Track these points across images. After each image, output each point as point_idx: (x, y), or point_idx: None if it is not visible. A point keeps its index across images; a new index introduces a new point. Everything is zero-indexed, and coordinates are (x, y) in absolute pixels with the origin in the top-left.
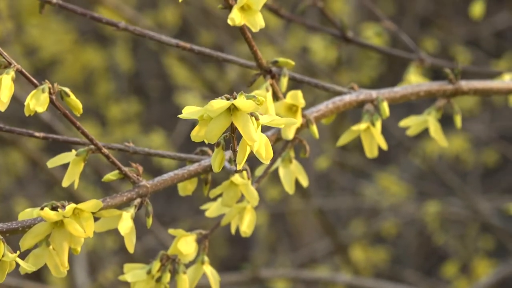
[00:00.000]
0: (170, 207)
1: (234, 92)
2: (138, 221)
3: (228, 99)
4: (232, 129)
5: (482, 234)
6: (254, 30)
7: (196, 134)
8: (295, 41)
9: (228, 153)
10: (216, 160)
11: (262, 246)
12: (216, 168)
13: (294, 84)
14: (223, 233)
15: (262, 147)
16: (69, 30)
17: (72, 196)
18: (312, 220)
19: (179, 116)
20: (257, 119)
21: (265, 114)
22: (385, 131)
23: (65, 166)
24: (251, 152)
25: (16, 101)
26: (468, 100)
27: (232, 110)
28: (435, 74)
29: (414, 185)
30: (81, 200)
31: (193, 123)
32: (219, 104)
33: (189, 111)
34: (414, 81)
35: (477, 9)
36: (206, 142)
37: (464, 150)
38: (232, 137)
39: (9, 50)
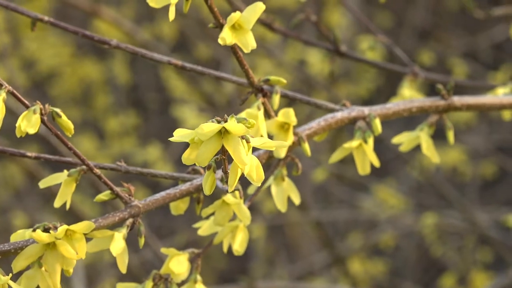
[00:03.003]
0: (167, 220)
1: (226, 115)
2: (135, 234)
3: (219, 121)
4: (223, 151)
5: (480, 246)
6: (245, 51)
7: (187, 157)
8: (293, 54)
9: (220, 172)
10: (207, 183)
11: (260, 258)
12: (207, 191)
13: (288, 100)
14: (221, 245)
15: (253, 169)
16: (67, 43)
17: (70, 210)
18: (310, 233)
19: (170, 139)
20: (248, 141)
21: (256, 133)
22: (382, 144)
23: None
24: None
25: (12, 113)
26: (465, 112)
27: (223, 133)
28: (431, 87)
29: (412, 197)
30: (79, 214)
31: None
32: (210, 127)
33: (180, 134)
34: (408, 95)
35: None
36: (197, 165)
37: (461, 162)
38: (223, 159)
39: (6, 64)
